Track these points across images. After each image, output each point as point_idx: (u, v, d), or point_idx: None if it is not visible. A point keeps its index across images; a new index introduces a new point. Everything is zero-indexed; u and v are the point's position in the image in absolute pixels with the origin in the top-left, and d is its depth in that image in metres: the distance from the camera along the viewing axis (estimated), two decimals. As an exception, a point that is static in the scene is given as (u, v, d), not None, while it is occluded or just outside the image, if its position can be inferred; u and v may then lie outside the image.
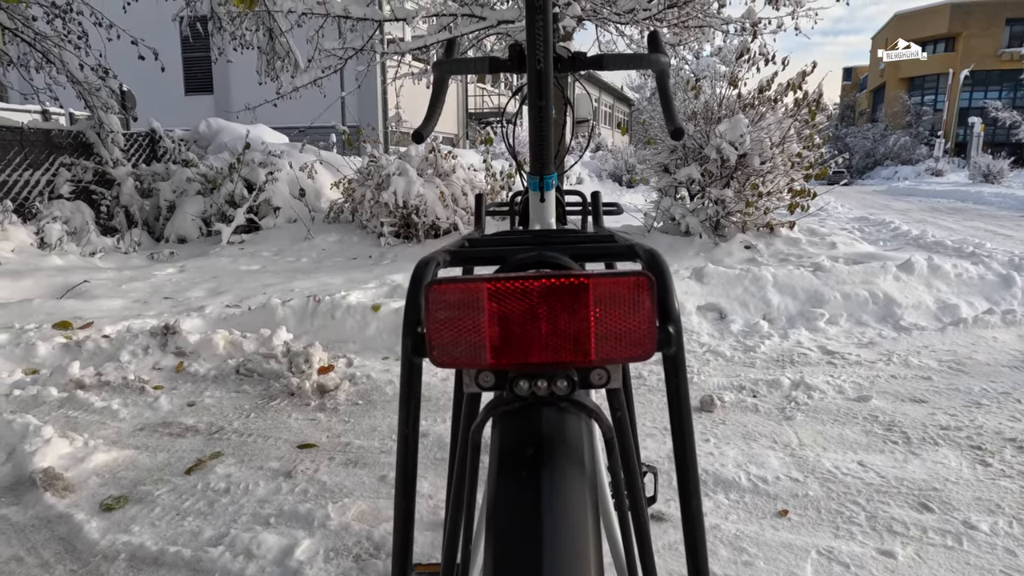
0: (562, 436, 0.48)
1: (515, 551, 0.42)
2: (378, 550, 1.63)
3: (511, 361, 0.45)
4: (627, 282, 0.44)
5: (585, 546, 0.43)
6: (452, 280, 0.45)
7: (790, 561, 1.55)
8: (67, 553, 1.68)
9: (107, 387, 2.88)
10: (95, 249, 5.91)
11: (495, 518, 0.45)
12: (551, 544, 0.42)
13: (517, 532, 0.43)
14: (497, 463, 0.47)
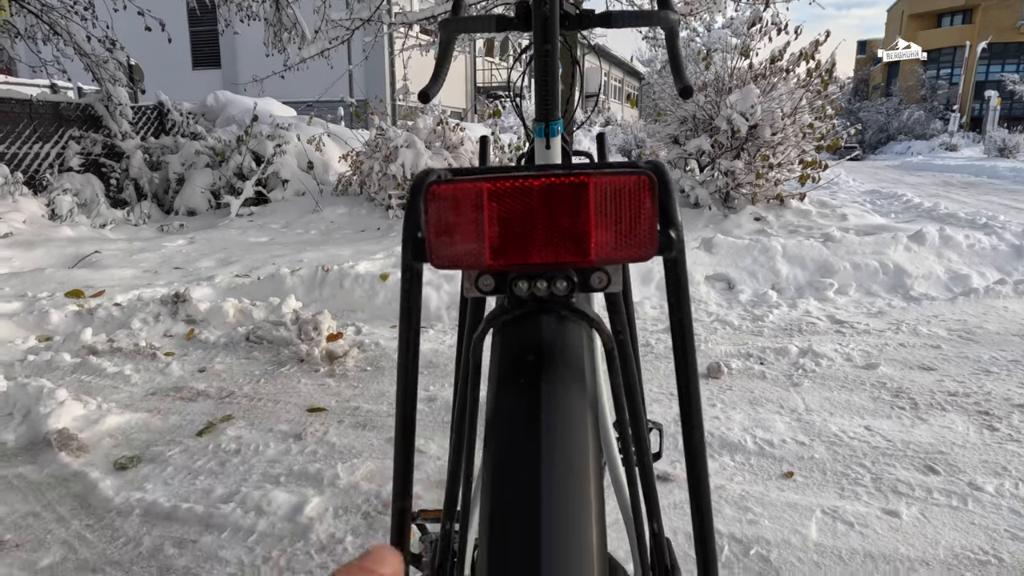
0: (562, 344, 0.48)
1: (513, 459, 0.42)
2: (387, 508, 1.65)
3: (510, 262, 0.45)
4: (628, 181, 0.44)
5: (583, 455, 0.43)
6: (451, 180, 0.45)
7: (795, 519, 1.56)
8: (82, 509, 1.71)
9: (119, 353, 2.91)
10: (105, 221, 5.94)
11: (494, 426, 0.45)
12: (549, 452, 0.42)
13: (516, 439, 0.43)
14: (497, 371, 0.47)
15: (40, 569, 1.46)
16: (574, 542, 0.40)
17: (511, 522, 0.42)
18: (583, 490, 0.43)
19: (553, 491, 0.41)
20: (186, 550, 1.52)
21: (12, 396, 2.32)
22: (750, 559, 1.41)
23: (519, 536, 0.42)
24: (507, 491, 0.42)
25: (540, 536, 0.40)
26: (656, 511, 0.59)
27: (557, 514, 0.41)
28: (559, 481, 0.42)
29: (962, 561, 1.39)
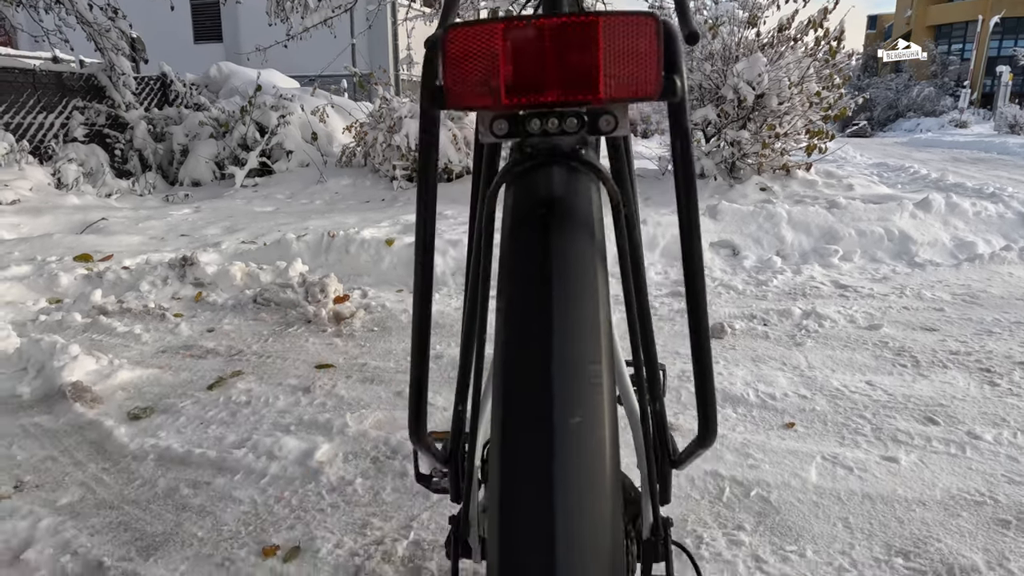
0: (573, 195, 0.50)
1: (526, 302, 0.44)
2: (395, 453, 1.69)
3: (524, 100, 0.47)
4: (636, 21, 0.46)
5: (593, 298, 0.45)
6: (468, 23, 0.47)
7: (795, 465, 1.59)
8: (98, 454, 1.76)
9: (129, 314, 2.95)
10: (111, 191, 5.95)
11: (507, 270, 0.47)
12: (560, 294, 0.44)
13: (528, 283, 0.45)
14: (510, 221, 0.50)
15: (60, 506, 1.50)
16: (585, 384, 0.42)
17: (523, 363, 0.44)
18: (593, 331, 0.45)
19: (565, 332, 0.43)
20: (200, 491, 1.56)
21: (26, 352, 2.36)
22: (751, 500, 1.45)
23: (530, 377, 0.44)
24: (520, 333, 0.44)
25: (552, 377, 0.43)
26: (659, 396, 0.62)
27: (569, 354, 0.43)
28: (570, 324, 0.44)
29: (958, 502, 1.42)
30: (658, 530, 0.67)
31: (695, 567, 0.77)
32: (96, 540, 1.37)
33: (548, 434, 0.45)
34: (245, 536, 1.38)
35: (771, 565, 1.23)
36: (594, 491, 0.46)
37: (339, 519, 1.43)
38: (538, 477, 0.45)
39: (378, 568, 1.26)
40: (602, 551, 0.44)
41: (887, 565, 1.23)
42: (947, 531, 1.32)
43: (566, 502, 0.44)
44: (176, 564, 1.29)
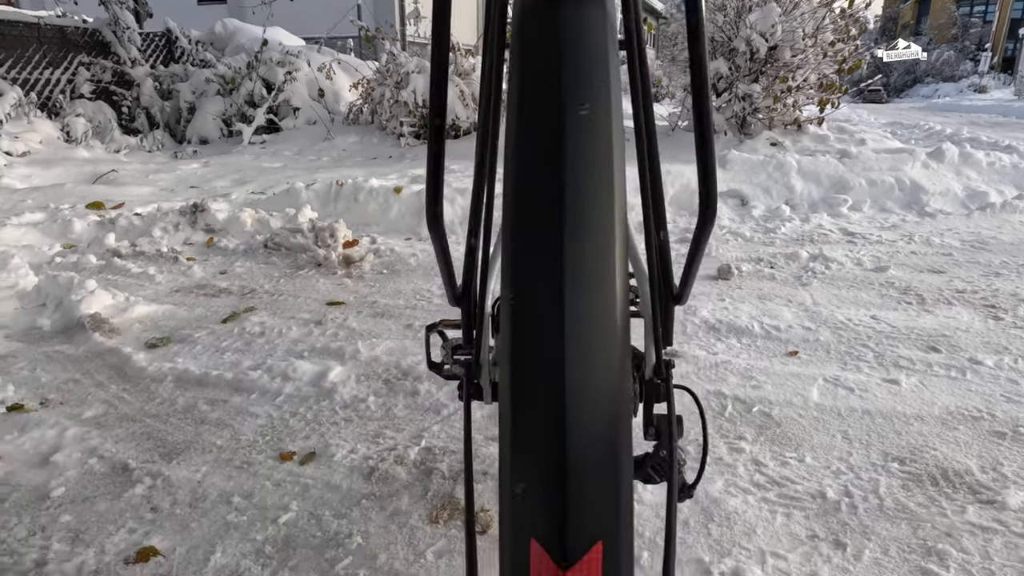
0: (582, 30, 0.51)
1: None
2: (406, 375, 1.74)
3: None
4: None
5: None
6: None
7: (797, 386, 1.62)
8: (118, 376, 1.81)
9: (142, 256, 2.99)
10: (119, 147, 5.96)
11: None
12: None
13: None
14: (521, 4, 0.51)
15: (84, 419, 1.56)
16: (595, 212, 0.45)
17: (533, 190, 0.47)
18: (605, 163, 0.47)
19: (576, 158, 0.45)
20: (218, 407, 1.61)
21: (44, 288, 2.41)
22: (752, 415, 1.48)
23: (540, 202, 0.46)
24: (532, 163, 0.47)
25: (564, 201, 0.45)
26: (663, 221, 0.63)
27: (579, 184, 0.45)
28: (582, 155, 0.45)
29: (956, 418, 1.45)
30: (660, 371, 0.69)
31: (699, 407, 0.80)
32: (120, 447, 1.43)
33: (559, 264, 0.48)
34: (263, 444, 1.43)
35: (770, 468, 1.27)
36: (604, 329, 0.48)
37: (353, 431, 1.47)
38: (548, 318, 0.47)
39: (391, 469, 1.31)
40: (609, 392, 0.47)
41: (883, 469, 1.27)
42: (944, 442, 1.35)
43: (576, 340, 0.47)
44: (198, 466, 1.35)
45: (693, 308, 2.18)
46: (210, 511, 1.20)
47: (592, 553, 0.42)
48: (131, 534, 1.14)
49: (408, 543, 1.10)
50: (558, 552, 0.42)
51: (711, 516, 1.13)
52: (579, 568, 0.42)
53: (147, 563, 1.07)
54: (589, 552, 0.42)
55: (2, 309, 2.32)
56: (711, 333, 1.98)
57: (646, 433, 0.70)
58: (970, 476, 1.23)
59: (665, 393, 0.69)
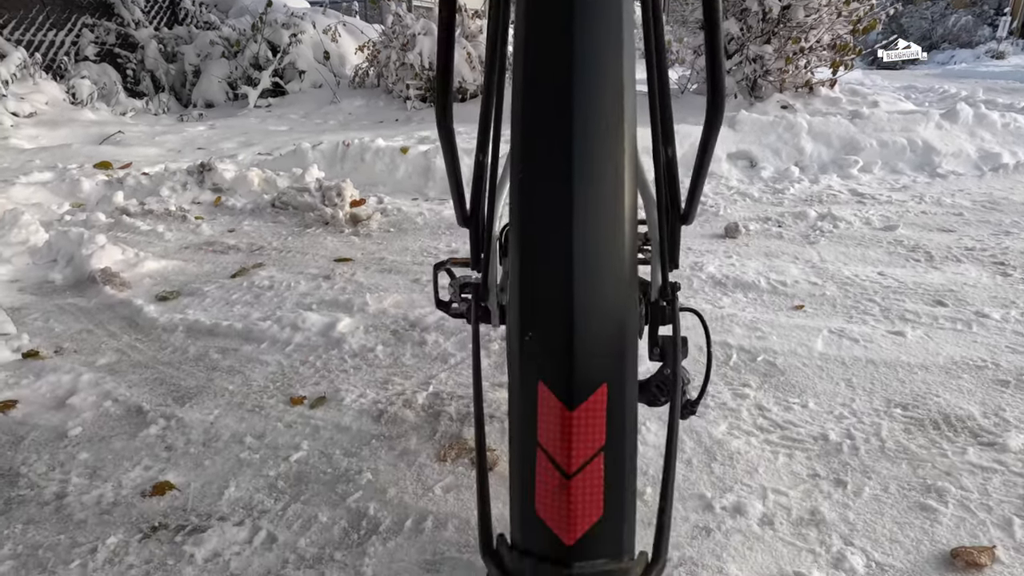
0: None
1: (546, 49, 0.46)
2: (414, 326, 1.75)
3: None
4: None
5: (616, 45, 0.47)
6: None
7: (802, 337, 1.63)
8: (130, 327, 1.84)
9: (151, 215, 3.00)
10: (125, 110, 5.94)
11: (522, 34, 0.49)
12: (581, 44, 0.46)
13: (547, 30, 0.47)
14: None
15: (99, 366, 1.59)
16: (605, 130, 0.45)
17: (542, 101, 0.47)
18: (614, 85, 0.47)
19: (585, 77, 0.45)
20: (229, 355, 1.63)
21: (55, 244, 2.43)
22: (757, 364, 1.50)
23: (549, 117, 0.46)
24: (540, 67, 0.46)
25: (572, 118, 0.45)
26: (671, 138, 0.64)
27: (588, 94, 0.45)
28: (590, 78, 0.45)
29: (960, 367, 1.46)
30: (666, 293, 0.70)
31: (704, 326, 0.81)
32: (134, 391, 1.46)
33: (567, 178, 0.48)
34: (273, 390, 1.46)
35: (774, 413, 1.29)
36: (612, 244, 0.48)
37: (362, 377, 1.50)
38: (557, 220, 0.47)
39: (400, 412, 1.33)
40: (617, 311, 0.47)
41: (886, 414, 1.28)
42: (947, 389, 1.36)
43: (584, 252, 0.47)
44: (210, 410, 1.38)
45: (700, 264, 2.18)
46: (223, 450, 1.23)
47: (597, 395, 0.43)
48: (147, 470, 1.17)
49: (417, 479, 1.13)
50: (564, 394, 0.43)
51: (714, 456, 1.15)
52: (584, 409, 0.43)
53: (163, 496, 1.10)
54: (594, 394, 0.43)
55: (15, 264, 2.34)
56: (717, 288, 1.99)
57: (651, 354, 0.71)
58: (972, 421, 1.24)
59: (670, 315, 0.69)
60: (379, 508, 1.05)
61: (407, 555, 0.95)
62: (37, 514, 1.06)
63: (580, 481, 0.43)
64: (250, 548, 0.98)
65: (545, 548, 0.44)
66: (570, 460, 0.43)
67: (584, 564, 0.44)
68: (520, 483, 0.45)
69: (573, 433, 0.42)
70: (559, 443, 0.42)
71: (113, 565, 0.95)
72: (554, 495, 0.43)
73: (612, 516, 0.44)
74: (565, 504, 0.43)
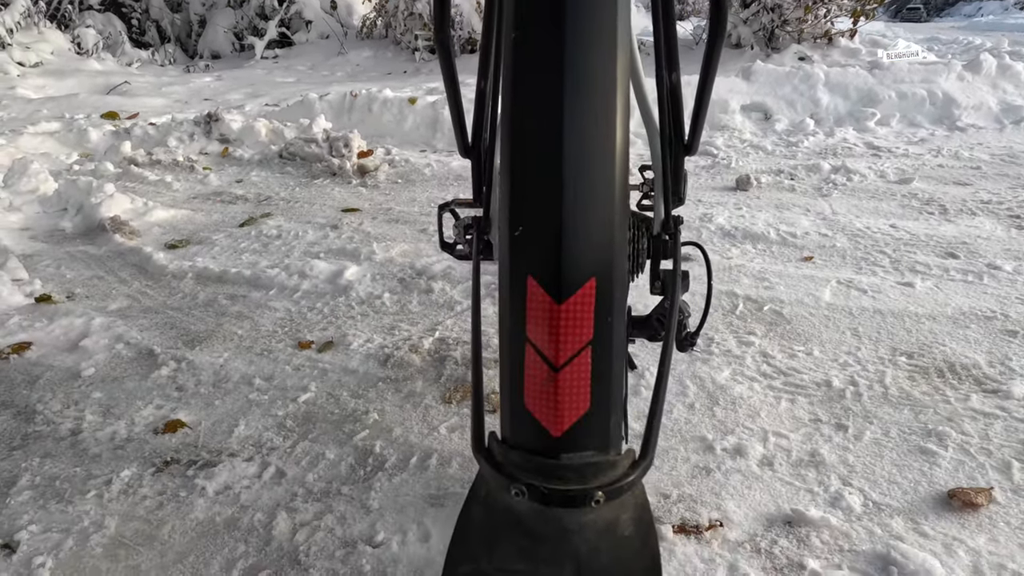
0: None
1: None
2: (420, 275, 1.76)
3: None
4: None
5: None
6: None
7: (809, 287, 1.62)
8: (140, 273, 1.85)
9: (159, 165, 3.00)
10: (130, 60, 5.88)
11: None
12: None
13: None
14: None
15: (110, 311, 1.61)
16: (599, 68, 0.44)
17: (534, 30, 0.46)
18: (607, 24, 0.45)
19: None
20: (238, 301, 1.65)
21: (64, 193, 2.44)
22: (763, 313, 1.49)
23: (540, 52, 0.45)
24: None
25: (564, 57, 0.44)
26: (675, 63, 0.62)
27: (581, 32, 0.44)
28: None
29: (969, 317, 1.45)
30: (669, 227, 0.70)
31: (706, 258, 0.80)
32: (145, 335, 1.48)
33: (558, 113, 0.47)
34: (282, 335, 1.47)
35: (778, 360, 1.29)
36: (602, 143, 0.47)
37: (369, 323, 1.51)
38: (547, 160, 0.46)
39: (406, 356, 1.35)
40: (606, 206, 0.46)
41: (891, 362, 1.28)
42: (954, 339, 1.36)
43: (574, 150, 0.46)
44: (219, 353, 1.40)
45: (709, 216, 2.15)
46: (233, 391, 1.26)
47: (585, 289, 0.43)
48: (158, 409, 1.20)
49: (422, 419, 1.15)
50: (552, 288, 0.43)
51: (716, 400, 1.16)
52: (572, 303, 0.43)
53: (175, 433, 1.13)
54: (582, 288, 0.43)
55: (25, 212, 2.36)
56: (726, 239, 1.97)
57: (652, 287, 0.71)
58: (977, 369, 1.24)
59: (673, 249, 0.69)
60: (385, 446, 1.07)
61: (412, 489, 0.98)
62: (53, 448, 1.09)
63: (567, 374, 0.43)
64: (259, 482, 1.00)
65: (533, 441, 0.45)
66: (557, 353, 0.43)
67: (572, 456, 0.44)
68: (510, 378, 0.46)
69: (561, 327, 0.42)
70: (547, 337, 0.43)
71: (127, 496, 0.98)
72: (542, 388, 0.44)
73: (599, 410, 0.45)
74: (552, 397, 0.43)
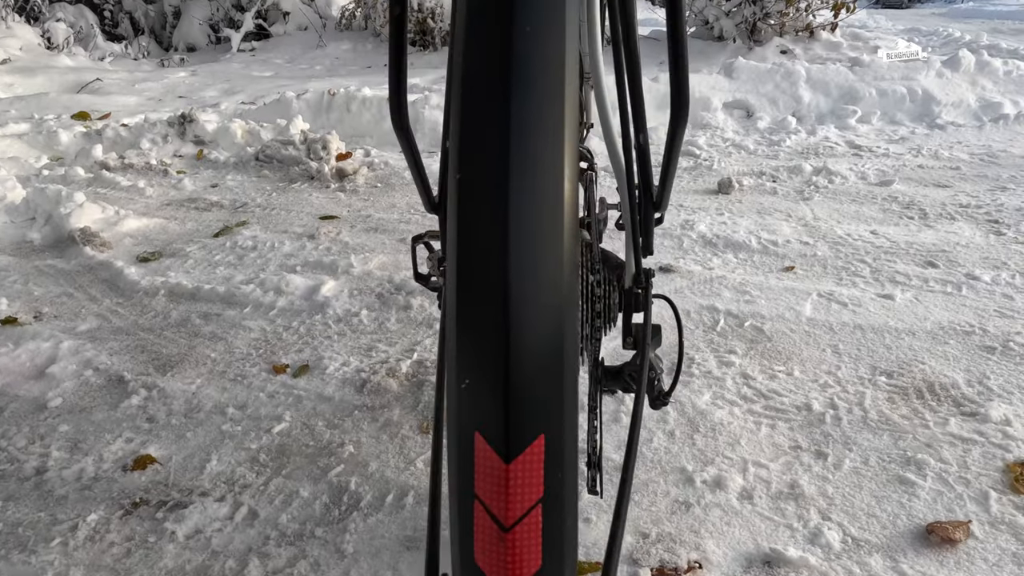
0: None
1: (485, 32, 0.41)
2: (399, 290, 1.73)
3: None
4: None
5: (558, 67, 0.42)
6: None
7: (791, 301, 1.61)
8: (111, 290, 1.81)
9: (131, 169, 2.93)
10: (103, 54, 5.73)
11: (463, 23, 0.43)
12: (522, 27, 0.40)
13: (487, 40, 0.42)
14: None
15: (79, 332, 1.57)
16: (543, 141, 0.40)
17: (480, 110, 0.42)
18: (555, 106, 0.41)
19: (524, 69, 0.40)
20: (211, 321, 1.61)
21: (33, 201, 2.37)
22: (744, 329, 1.49)
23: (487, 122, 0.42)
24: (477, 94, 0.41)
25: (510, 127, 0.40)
26: (643, 125, 0.60)
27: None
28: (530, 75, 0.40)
29: (948, 332, 1.45)
30: (640, 280, 0.68)
31: (676, 315, 0.79)
32: (115, 359, 1.44)
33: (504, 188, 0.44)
34: (256, 357, 1.44)
35: (758, 382, 1.28)
36: (549, 227, 0.44)
37: (346, 343, 1.48)
38: (493, 211, 0.43)
39: (383, 382, 1.32)
40: (555, 287, 0.44)
41: (870, 382, 1.28)
42: (933, 356, 1.36)
43: (520, 240, 0.43)
44: (192, 379, 1.36)
45: (691, 223, 2.14)
46: (205, 421, 1.23)
47: (534, 447, 0.42)
48: (128, 443, 1.17)
49: (399, 452, 1.13)
50: (501, 446, 0.42)
51: (697, 427, 1.15)
52: (521, 462, 0.41)
53: (144, 470, 1.10)
54: (531, 446, 0.42)
55: (-9, 223, 2.29)
56: (708, 248, 1.96)
57: (624, 342, 0.70)
58: (956, 389, 1.24)
59: (644, 302, 0.67)
60: (360, 483, 1.05)
61: (388, 531, 0.96)
62: (17, 490, 1.06)
63: (518, 533, 0.41)
64: (231, 524, 0.98)
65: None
66: (507, 513, 0.41)
67: None
68: (459, 532, 0.44)
69: (510, 486, 0.41)
70: (496, 495, 0.41)
71: (94, 543, 0.95)
72: (492, 546, 0.42)
73: (551, 566, 0.43)
74: (503, 556, 0.42)
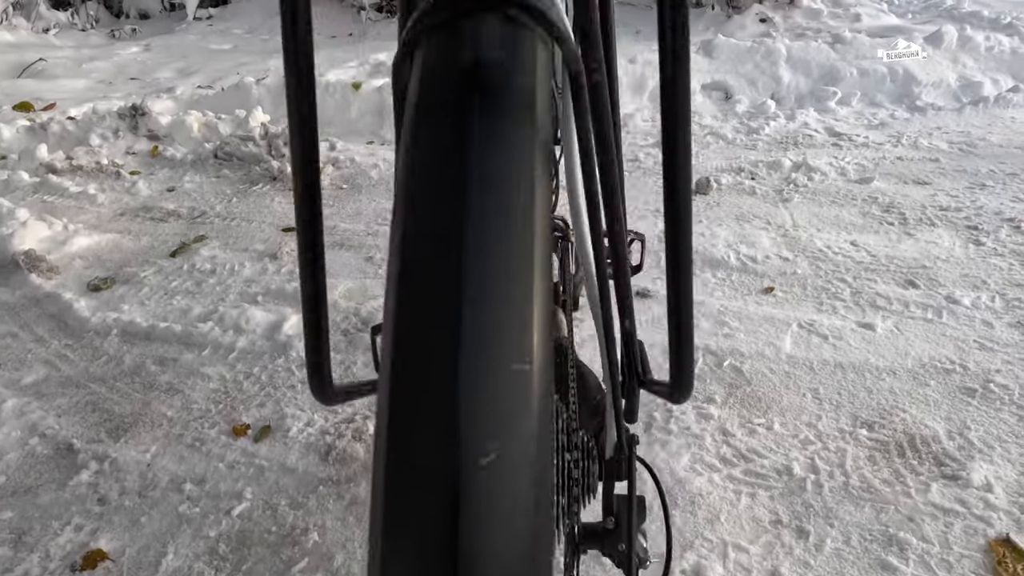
0: (510, 62, 0.32)
1: (430, 221, 0.29)
2: (365, 325, 1.65)
3: None
4: None
5: (528, 222, 0.31)
6: None
7: (770, 334, 1.57)
8: (60, 330, 1.71)
9: (80, 172, 2.77)
10: (48, 25, 5.39)
11: (405, 172, 0.32)
12: (479, 216, 0.29)
13: (436, 193, 0.30)
14: (416, 98, 0.32)
15: (24, 386, 1.48)
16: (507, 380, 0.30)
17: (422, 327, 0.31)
18: (525, 283, 0.30)
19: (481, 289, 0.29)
20: (168, 367, 1.53)
21: (-28, 217, 2.23)
22: (723, 371, 1.44)
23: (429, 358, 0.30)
24: (418, 285, 0.30)
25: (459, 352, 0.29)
26: (629, 311, 0.54)
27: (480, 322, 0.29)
28: (489, 272, 0.29)
29: (928, 371, 1.42)
30: (622, 448, 0.63)
31: (659, 488, 0.74)
32: (64, 421, 1.36)
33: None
34: (215, 415, 1.37)
35: (738, 439, 1.25)
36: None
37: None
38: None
39: (348, 448, 1.26)
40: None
41: (851, 436, 1.25)
42: (913, 401, 1.33)
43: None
44: (147, 444, 1.29)
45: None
46: (161, 501, 1.16)
47: None
48: (77, 532, 1.10)
49: (366, 539, 1.08)
50: None
51: (675, 500, 1.12)
52: None
53: (95, 570, 1.03)
54: None
55: (-72, 244, 2.15)
56: (686, 266, 1.90)
57: (605, 518, 0.64)
58: (937, 444, 1.22)
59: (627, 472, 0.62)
60: (326, 580, 1.00)
61: (355, 642, 0.91)
62: (-44, 602, 0.99)
63: None
64: (188, 638, 0.93)
65: None
66: None
67: None
68: None
69: None
70: None
71: (40, 670, 0.89)
72: None
73: None
74: None
